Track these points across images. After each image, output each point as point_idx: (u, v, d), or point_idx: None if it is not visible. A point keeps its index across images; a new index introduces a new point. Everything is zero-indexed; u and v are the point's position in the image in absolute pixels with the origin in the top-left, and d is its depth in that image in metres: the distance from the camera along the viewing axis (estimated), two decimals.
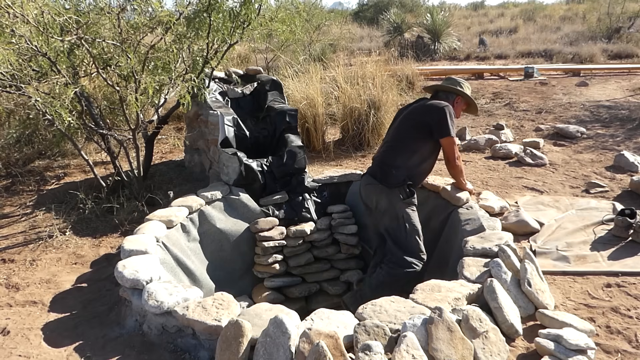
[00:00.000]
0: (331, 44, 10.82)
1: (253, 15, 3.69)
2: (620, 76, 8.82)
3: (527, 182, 3.94)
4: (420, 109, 3.15)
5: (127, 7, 3.43)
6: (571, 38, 13.33)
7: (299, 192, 3.78)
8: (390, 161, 3.08)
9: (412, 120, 3.14)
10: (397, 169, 3.04)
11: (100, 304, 2.56)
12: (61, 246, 3.17)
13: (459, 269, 2.41)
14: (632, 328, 2.10)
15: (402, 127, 3.17)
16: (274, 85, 4.37)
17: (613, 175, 3.97)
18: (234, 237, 3.43)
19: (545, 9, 21.37)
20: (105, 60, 3.58)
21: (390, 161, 3.09)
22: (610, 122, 5.72)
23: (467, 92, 3.24)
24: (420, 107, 3.18)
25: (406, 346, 1.75)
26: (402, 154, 3.08)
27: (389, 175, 3.04)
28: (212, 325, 1.99)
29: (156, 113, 3.96)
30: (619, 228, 2.89)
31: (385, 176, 3.06)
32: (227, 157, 3.59)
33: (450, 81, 3.28)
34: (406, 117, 3.19)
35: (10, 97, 4.32)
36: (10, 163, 4.66)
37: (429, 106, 3.12)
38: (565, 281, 2.51)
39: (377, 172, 3.14)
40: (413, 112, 3.18)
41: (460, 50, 12.94)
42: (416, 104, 3.27)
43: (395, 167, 3.04)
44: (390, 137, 3.25)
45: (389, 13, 14.80)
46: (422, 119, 3.08)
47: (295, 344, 1.80)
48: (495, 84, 8.49)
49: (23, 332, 2.28)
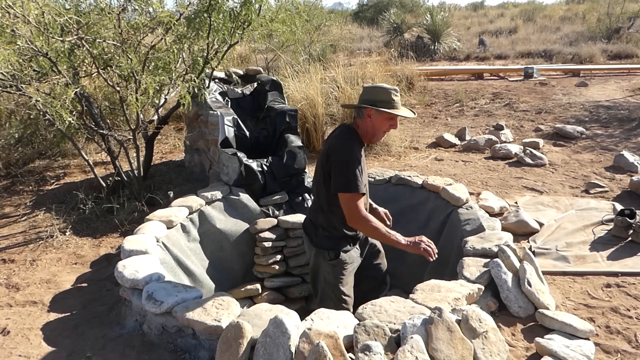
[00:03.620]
0: (331, 44, 10.82)
1: (253, 16, 3.70)
2: (620, 76, 8.82)
3: (527, 183, 3.94)
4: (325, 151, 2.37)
5: (127, 7, 3.43)
6: (571, 38, 13.34)
7: (299, 192, 3.78)
8: (314, 218, 2.52)
9: (320, 168, 2.40)
10: (323, 228, 2.46)
11: (100, 304, 2.56)
12: (61, 246, 3.17)
13: (458, 269, 2.42)
14: (631, 328, 2.10)
15: (316, 176, 2.47)
16: (274, 85, 4.38)
17: (613, 176, 3.97)
18: (234, 238, 3.43)
19: (545, 9, 21.37)
20: (106, 60, 3.58)
21: (314, 218, 2.52)
22: (610, 122, 5.72)
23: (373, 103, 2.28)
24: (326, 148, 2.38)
25: (410, 347, 1.75)
26: (321, 211, 2.45)
27: (316, 234, 2.49)
28: (212, 326, 2.00)
29: (156, 113, 3.96)
30: (618, 228, 2.89)
31: (312, 232, 2.52)
32: (227, 157, 3.59)
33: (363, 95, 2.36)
34: (318, 161, 2.44)
35: (10, 97, 4.33)
36: (10, 163, 4.66)
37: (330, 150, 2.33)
38: (565, 281, 2.51)
39: (307, 226, 2.59)
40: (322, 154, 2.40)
41: (460, 51, 12.94)
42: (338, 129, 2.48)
43: (320, 227, 2.47)
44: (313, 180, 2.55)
45: (388, 13, 14.81)
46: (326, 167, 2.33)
47: (295, 344, 1.80)
48: (495, 84, 8.50)
49: (23, 332, 2.28)
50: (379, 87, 2.32)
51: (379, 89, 2.31)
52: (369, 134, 2.35)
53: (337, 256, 2.45)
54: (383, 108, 2.25)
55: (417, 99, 7.40)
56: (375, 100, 2.27)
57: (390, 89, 2.30)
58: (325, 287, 2.52)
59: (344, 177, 2.23)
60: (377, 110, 2.26)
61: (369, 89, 2.34)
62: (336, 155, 2.28)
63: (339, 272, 2.48)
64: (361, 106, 2.30)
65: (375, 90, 2.31)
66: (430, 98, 7.64)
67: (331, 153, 2.30)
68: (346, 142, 2.31)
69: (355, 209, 2.25)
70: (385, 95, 2.27)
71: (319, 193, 2.45)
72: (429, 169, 4.43)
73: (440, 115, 6.71)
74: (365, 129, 2.33)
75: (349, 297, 2.49)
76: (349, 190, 2.23)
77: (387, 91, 2.28)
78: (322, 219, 2.46)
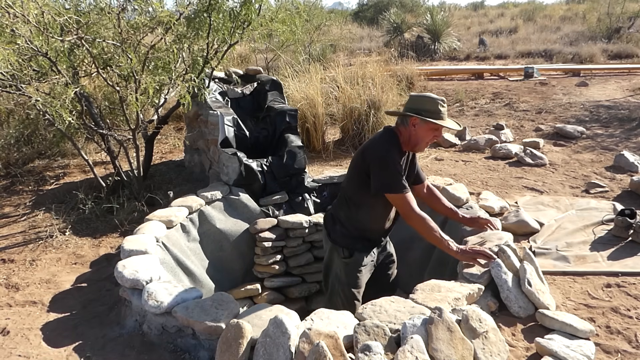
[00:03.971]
0: (331, 44, 10.82)
1: (253, 16, 3.69)
2: (620, 76, 8.82)
3: (527, 182, 3.94)
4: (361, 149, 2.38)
5: (127, 7, 3.43)
6: (571, 38, 13.33)
7: (299, 192, 3.79)
8: (336, 212, 2.54)
9: (354, 163, 2.40)
10: (341, 224, 2.48)
11: (100, 304, 2.56)
12: (61, 246, 3.16)
13: (458, 269, 2.41)
14: (632, 328, 2.10)
15: (349, 171, 2.48)
16: (274, 85, 4.38)
17: (613, 176, 3.97)
18: (234, 237, 3.43)
19: (545, 9, 21.35)
20: (106, 60, 3.58)
21: (335, 212, 2.54)
22: (610, 122, 5.72)
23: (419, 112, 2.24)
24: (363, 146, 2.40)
25: (411, 347, 1.75)
26: (346, 207, 2.46)
27: (334, 230, 2.51)
28: (211, 326, 2.00)
29: (156, 113, 3.96)
30: (618, 228, 2.88)
31: (330, 227, 2.54)
32: (227, 157, 3.59)
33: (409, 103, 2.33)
34: (353, 157, 2.45)
35: (10, 97, 4.33)
36: (10, 163, 4.66)
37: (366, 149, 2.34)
38: (565, 281, 2.51)
39: (327, 219, 2.60)
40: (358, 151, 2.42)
41: (460, 51, 12.94)
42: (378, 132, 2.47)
43: (340, 223, 2.49)
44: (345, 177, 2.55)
45: (388, 13, 14.80)
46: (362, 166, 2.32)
47: (295, 344, 1.80)
48: (495, 84, 8.49)
49: (23, 332, 2.28)
50: (426, 97, 2.27)
51: (426, 98, 2.26)
52: (412, 143, 2.31)
53: (351, 255, 2.45)
54: (429, 118, 2.20)
55: None
56: (421, 110, 2.23)
57: (438, 99, 2.25)
58: (335, 283, 2.53)
59: (385, 177, 2.22)
60: (422, 119, 2.21)
61: (415, 97, 2.30)
62: (373, 155, 2.27)
63: (352, 272, 2.48)
64: (406, 114, 2.26)
65: (422, 99, 2.27)
66: None
67: (368, 153, 2.30)
68: (384, 143, 2.29)
69: (408, 206, 2.24)
70: (432, 105, 2.23)
71: (346, 188, 2.46)
72: (429, 168, 4.43)
73: None
74: (409, 137, 2.29)
75: (358, 301, 2.50)
76: (393, 191, 2.23)
77: (434, 101, 2.24)
78: (343, 215, 2.47)
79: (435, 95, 2.28)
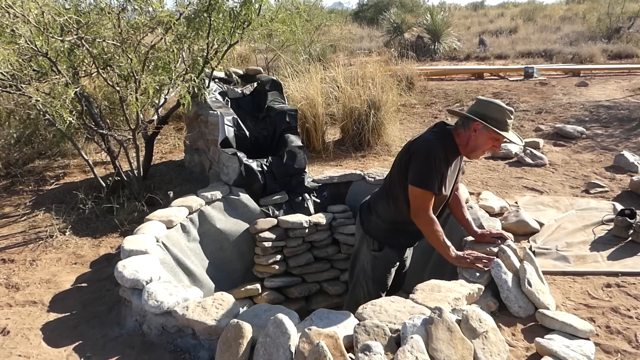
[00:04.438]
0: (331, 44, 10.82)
1: (253, 16, 3.70)
2: (620, 76, 8.82)
3: (527, 182, 3.94)
4: (410, 141, 2.33)
5: (127, 7, 3.43)
6: (571, 38, 13.33)
7: (299, 192, 3.78)
8: (374, 203, 2.51)
9: (399, 155, 2.36)
10: (377, 216, 2.46)
11: (100, 304, 2.56)
12: (61, 246, 3.16)
13: (458, 269, 2.41)
14: (632, 328, 2.10)
15: (394, 164, 2.42)
16: (274, 85, 4.38)
17: (613, 176, 3.97)
18: (234, 238, 3.43)
19: (545, 9, 21.36)
20: (106, 60, 3.58)
21: (374, 203, 2.52)
22: (610, 122, 5.72)
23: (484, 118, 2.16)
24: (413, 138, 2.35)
25: (411, 347, 1.75)
26: (384, 198, 2.43)
27: (369, 220, 2.50)
28: (212, 326, 2.00)
29: (156, 113, 3.96)
30: (618, 228, 2.89)
31: (365, 216, 2.54)
32: (227, 157, 3.59)
33: (475, 106, 2.26)
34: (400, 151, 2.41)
35: (10, 97, 4.32)
36: (10, 163, 4.66)
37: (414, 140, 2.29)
38: (565, 281, 2.51)
39: (362, 207, 2.60)
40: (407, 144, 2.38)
41: (460, 51, 12.94)
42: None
43: (376, 213, 2.47)
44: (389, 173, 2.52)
45: (389, 13, 14.80)
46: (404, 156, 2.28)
47: (295, 344, 1.80)
48: (495, 84, 8.49)
49: (23, 332, 2.28)
50: (495, 104, 2.18)
51: (495, 105, 2.17)
52: (469, 148, 2.22)
53: (380, 248, 2.42)
54: (493, 127, 2.12)
55: (417, 99, 7.40)
56: (487, 116, 2.14)
57: (507, 109, 2.17)
58: (360, 275, 2.52)
59: (420, 171, 2.16)
60: (485, 126, 2.13)
61: (484, 102, 2.20)
62: (420, 147, 2.20)
63: (379, 267, 2.45)
64: (470, 117, 2.16)
65: (490, 106, 2.18)
66: (430, 98, 7.64)
67: (415, 144, 2.23)
68: (435, 140, 2.21)
69: (422, 205, 2.19)
70: (499, 114, 2.15)
71: (389, 180, 2.42)
72: None
73: (440, 115, 6.70)
74: (467, 141, 2.21)
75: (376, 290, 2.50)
76: (423, 186, 2.16)
77: (503, 110, 2.16)
78: (381, 207, 2.43)
79: (504, 105, 2.19)
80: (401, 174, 2.27)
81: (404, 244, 2.53)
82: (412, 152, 2.22)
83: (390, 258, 2.46)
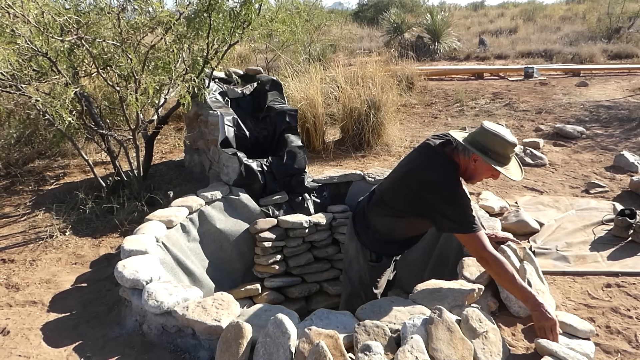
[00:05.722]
0: (331, 44, 10.82)
1: (253, 16, 3.70)
2: (620, 76, 8.82)
3: (527, 182, 3.94)
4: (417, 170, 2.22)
5: (127, 7, 3.43)
6: (571, 38, 13.34)
7: (299, 192, 3.78)
8: (370, 216, 2.42)
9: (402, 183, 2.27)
10: (376, 230, 2.40)
11: (100, 304, 2.56)
12: (61, 246, 3.16)
13: (458, 269, 2.41)
14: (632, 328, 2.10)
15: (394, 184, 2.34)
16: (274, 85, 4.38)
17: (613, 176, 3.97)
18: (234, 237, 3.43)
19: (545, 9, 21.36)
20: (106, 60, 3.58)
21: (371, 215, 2.42)
22: (610, 122, 5.72)
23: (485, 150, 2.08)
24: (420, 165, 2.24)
25: (410, 347, 1.75)
26: (383, 215, 2.36)
27: (366, 233, 2.43)
28: (212, 326, 1.99)
29: (156, 113, 3.96)
30: (618, 228, 2.89)
31: (361, 228, 2.46)
32: (227, 157, 3.59)
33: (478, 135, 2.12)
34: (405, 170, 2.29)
35: (10, 97, 4.32)
36: (10, 163, 4.66)
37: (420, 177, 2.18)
38: (565, 281, 2.51)
39: (356, 218, 2.51)
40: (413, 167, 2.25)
41: (460, 51, 12.94)
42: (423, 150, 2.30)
43: (374, 228, 2.40)
44: (385, 184, 2.42)
45: (389, 13, 14.80)
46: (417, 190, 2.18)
47: (295, 344, 1.80)
48: (495, 84, 8.50)
49: (23, 332, 2.28)
50: (498, 137, 2.06)
51: (498, 138, 2.06)
52: (468, 174, 2.21)
53: (379, 259, 2.43)
54: (492, 161, 2.07)
55: (417, 99, 7.40)
56: (488, 149, 2.07)
57: (510, 142, 2.07)
58: (357, 286, 2.51)
59: (461, 220, 2.06)
60: (484, 158, 2.08)
61: (487, 133, 2.08)
62: (433, 188, 2.12)
63: (376, 275, 2.47)
64: (469, 148, 2.11)
65: (493, 138, 2.07)
66: (430, 98, 7.64)
67: (424, 183, 2.14)
68: (450, 173, 2.14)
69: (481, 247, 2.04)
70: (501, 147, 2.07)
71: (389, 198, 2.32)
72: None
73: (440, 115, 6.70)
74: (466, 168, 2.18)
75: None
76: (470, 231, 2.05)
77: (505, 144, 2.07)
78: (380, 224, 2.38)
79: (509, 137, 2.08)
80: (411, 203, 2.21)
81: (402, 250, 2.55)
82: (426, 194, 2.14)
83: (388, 265, 2.50)
